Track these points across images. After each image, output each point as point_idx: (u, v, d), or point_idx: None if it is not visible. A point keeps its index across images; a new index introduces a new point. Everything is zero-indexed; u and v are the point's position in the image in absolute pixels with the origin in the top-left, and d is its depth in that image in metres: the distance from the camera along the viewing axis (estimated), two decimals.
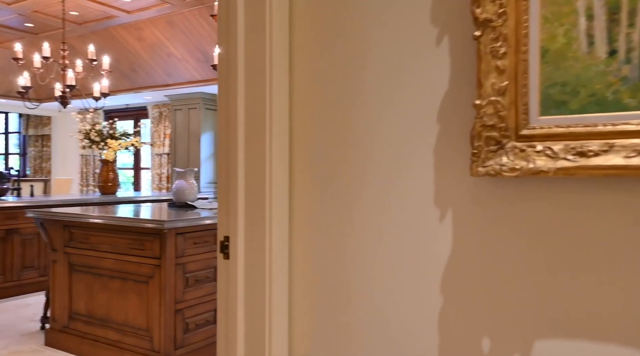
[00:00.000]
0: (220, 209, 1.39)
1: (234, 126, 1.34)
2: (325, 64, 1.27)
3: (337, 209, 1.24)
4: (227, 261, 1.37)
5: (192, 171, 3.59)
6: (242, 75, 1.34)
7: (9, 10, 5.97)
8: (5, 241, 4.31)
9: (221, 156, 1.39)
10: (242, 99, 1.34)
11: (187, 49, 6.50)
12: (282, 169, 1.32)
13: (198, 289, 2.86)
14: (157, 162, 8.59)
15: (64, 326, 3.11)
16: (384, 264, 1.17)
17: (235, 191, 1.34)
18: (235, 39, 1.34)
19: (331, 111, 1.26)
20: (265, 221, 1.30)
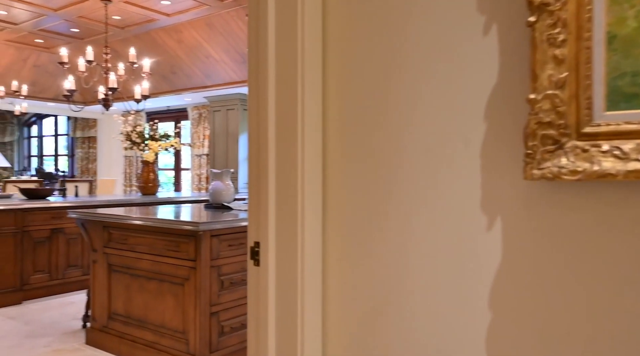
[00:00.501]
0: (251, 214, 1.33)
1: (264, 126, 1.28)
2: (360, 59, 1.18)
3: (373, 216, 1.16)
4: (257, 268, 1.31)
5: (229, 172, 3.57)
6: (272, 73, 1.27)
7: (56, 16, 6.17)
8: (51, 240, 4.44)
9: (251, 158, 1.32)
10: (272, 99, 1.27)
11: (225, 50, 6.54)
12: (315, 172, 1.25)
13: (233, 292, 2.83)
14: (197, 163, 8.71)
15: (103, 325, 3.15)
16: (424, 276, 1.07)
17: (265, 194, 1.27)
18: (266, 34, 1.27)
19: (368, 110, 1.17)
20: (297, 226, 1.23)
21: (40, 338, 3.35)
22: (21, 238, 4.24)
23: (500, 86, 0.96)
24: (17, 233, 4.21)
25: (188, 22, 6.28)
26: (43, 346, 3.20)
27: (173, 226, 2.71)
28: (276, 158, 1.27)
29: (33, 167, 12.07)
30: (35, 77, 8.31)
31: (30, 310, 4.04)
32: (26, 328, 3.57)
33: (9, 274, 4.17)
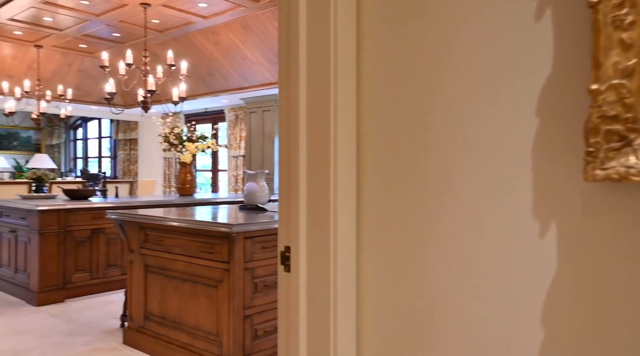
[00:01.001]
0: (281, 217, 1.26)
1: (295, 127, 1.21)
2: (399, 53, 1.10)
3: (414, 219, 1.07)
4: (287, 274, 1.24)
5: (263, 173, 3.54)
6: (304, 71, 1.20)
7: (98, 21, 6.33)
8: (91, 240, 4.54)
9: (282, 160, 1.26)
10: (304, 98, 1.20)
11: (261, 51, 6.55)
12: (349, 174, 1.17)
13: (267, 295, 2.78)
14: (233, 164, 8.78)
15: (140, 326, 3.17)
16: (471, 287, 0.97)
17: (296, 197, 1.20)
18: (297, 29, 1.21)
19: (406, 107, 1.08)
20: (330, 231, 1.16)
21: (80, 337, 3.41)
22: (64, 237, 4.34)
23: (556, 76, 0.86)
24: (60, 232, 4.32)
25: (224, 24, 6.32)
26: (82, 345, 3.25)
27: (206, 227, 2.69)
28: (307, 159, 1.20)
29: (78, 168, 12.50)
30: (79, 81, 8.58)
31: (71, 308, 4.14)
32: (67, 326, 3.65)
33: (52, 273, 4.28)
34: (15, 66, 7.83)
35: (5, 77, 7.67)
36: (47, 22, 6.46)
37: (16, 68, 7.86)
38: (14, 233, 4.55)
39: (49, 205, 4.26)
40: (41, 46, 7.50)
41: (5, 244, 4.70)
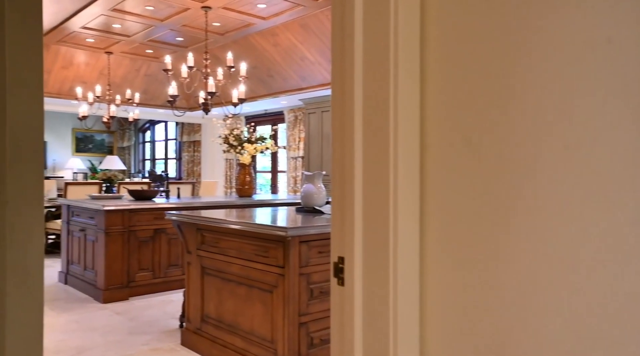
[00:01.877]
0: (334, 225, 1.13)
1: (349, 126, 1.08)
2: (474, 35, 0.94)
3: (489, 231, 0.91)
4: (341, 288, 1.11)
5: (320, 174, 3.43)
6: (360, 63, 1.07)
7: (163, 26, 6.51)
8: (154, 240, 4.63)
9: (335, 163, 1.13)
10: (359, 90, 1.07)
11: (320, 51, 6.47)
12: (410, 177, 1.02)
13: (323, 302, 2.67)
14: (292, 165, 8.78)
15: (197, 327, 3.15)
16: (556, 308, 0.80)
17: (350, 203, 1.07)
18: (352, 9, 1.07)
19: (484, 101, 0.92)
20: (389, 241, 1.02)
21: (140, 336, 3.46)
22: (128, 237, 4.46)
23: None
24: (124, 232, 4.44)
25: (283, 24, 6.29)
26: (142, 344, 3.29)
27: (261, 230, 2.61)
28: (363, 162, 1.06)
29: (147, 170, 13.04)
30: (146, 86, 8.91)
31: (134, 306, 4.23)
32: (130, 325, 3.72)
33: (117, 272, 4.41)
34: (88, 72, 8.24)
35: (80, 83, 8.09)
36: (116, 29, 6.73)
37: (89, 74, 8.27)
38: (84, 231, 4.74)
39: (114, 205, 4.39)
40: (111, 52, 7.84)
41: (76, 243, 4.90)
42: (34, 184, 1.62)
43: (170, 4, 5.68)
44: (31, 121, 1.62)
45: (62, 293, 4.72)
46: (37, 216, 1.63)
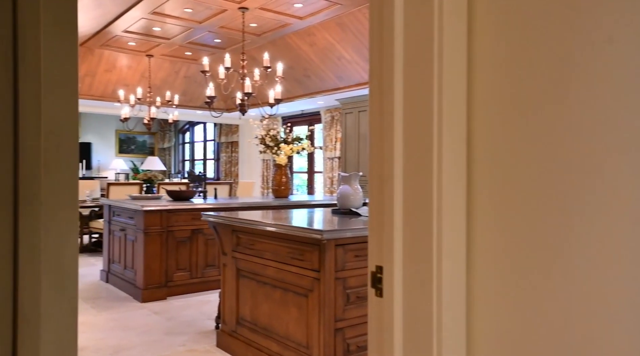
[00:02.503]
0: (371, 231, 1.06)
1: (388, 125, 1.00)
2: (529, 23, 0.84)
3: (548, 235, 0.81)
4: (379, 300, 1.03)
5: (357, 175, 3.35)
6: (400, 57, 0.98)
7: (201, 28, 6.58)
8: (191, 240, 4.66)
9: (372, 164, 1.05)
10: (399, 89, 0.98)
11: (357, 50, 6.38)
12: (456, 181, 0.93)
13: (360, 307, 2.58)
14: (329, 166, 8.72)
15: (232, 330, 3.13)
16: (633, 324, 0.69)
17: (390, 207, 0.99)
18: (392, 8, 0.99)
19: (537, 96, 0.83)
20: (432, 249, 0.93)
21: (177, 336, 3.47)
22: (166, 237, 4.51)
23: None
24: (162, 232, 4.48)
25: (320, 23, 6.24)
26: (178, 345, 3.29)
27: (296, 233, 2.55)
28: (404, 163, 0.98)
29: (186, 170, 13.28)
30: (185, 87, 9.05)
31: (172, 306, 4.26)
32: (167, 324, 3.74)
33: (156, 271, 4.46)
34: (130, 74, 8.44)
35: (122, 85, 8.30)
36: (156, 32, 6.85)
37: (131, 77, 8.47)
38: (124, 231, 4.82)
39: (153, 206, 4.44)
40: (152, 55, 8.00)
41: (117, 242, 5.00)
42: (69, 186, 1.61)
43: (208, 6, 5.72)
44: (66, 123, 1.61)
45: (103, 291, 4.82)
46: (72, 219, 1.62)
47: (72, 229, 1.66)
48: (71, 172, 1.66)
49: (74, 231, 1.66)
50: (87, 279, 5.32)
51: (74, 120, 1.68)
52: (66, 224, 1.65)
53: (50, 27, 1.61)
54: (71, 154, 1.65)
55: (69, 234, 1.65)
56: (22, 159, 1.55)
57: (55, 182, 1.61)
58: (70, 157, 1.65)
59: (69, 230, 1.65)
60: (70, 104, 1.65)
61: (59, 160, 1.61)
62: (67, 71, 1.67)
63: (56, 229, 1.61)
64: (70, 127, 1.65)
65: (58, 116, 1.61)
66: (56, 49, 1.61)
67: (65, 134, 1.63)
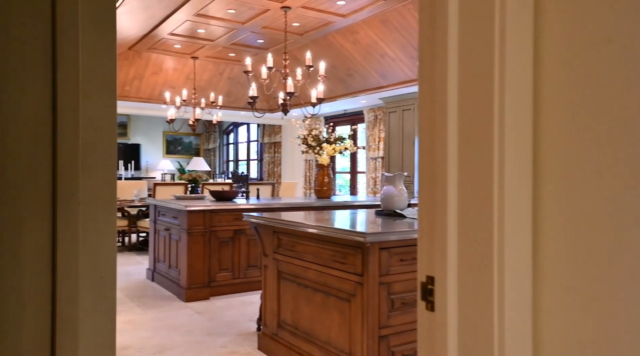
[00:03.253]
0: (421, 237, 0.95)
1: (441, 119, 0.89)
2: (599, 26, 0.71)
3: (627, 248, 0.68)
4: (431, 314, 0.93)
5: (402, 175, 3.22)
6: (454, 47, 0.87)
7: (244, 29, 6.61)
8: (233, 240, 4.66)
9: (422, 163, 0.95)
10: (453, 82, 0.87)
11: (401, 47, 6.22)
12: (520, 184, 0.81)
13: (405, 314, 2.46)
14: (372, 166, 8.58)
15: (273, 333, 3.07)
16: None
17: (443, 210, 0.88)
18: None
19: (618, 102, 0.70)
20: (492, 258, 0.82)
21: (219, 337, 3.45)
22: (209, 237, 4.52)
23: None
24: (205, 232, 4.50)
25: (363, 21, 6.13)
26: (220, 347, 3.27)
27: (338, 235, 2.46)
28: (459, 165, 0.87)
29: (230, 171, 13.45)
30: (229, 89, 9.14)
31: (215, 306, 4.27)
32: (209, 325, 3.73)
33: (199, 271, 4.48)
34: (176, 77, 8.61)
35: (168, 88, 8.47)
36: (201, 34, 6.93)
37: (177, 79, 8.63)
38: (168, 231, 4.88)
39: (196, 206, 4.46)
40: (197, 57, 8.12)
41: (162, 241, 5.07)
42: (107, 187, 1.59)
43: (251, 6, 5.72)
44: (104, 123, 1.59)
45: (149, 289, 4.90)
46: (110, 219, 1.59)
47: (110, 230, 1.63)
48: (109, 172, 1.64)
49: (112, 232, 1.64)
50: (134, 277, 5.42)
51: (112, 120, 1.65)
52: (104, 224, 1.62)
53: (88, 25, 1.59)
54: (109, 154, 1.62)
55: (107, 234, 1.62)
56: (60, 159, 1.52)
57: (93, 182, 1.58)
58: (108, 158, 1.63)
59: (107, 231, 1.62)
60: (108, 103, 1.62)
61: (97, 160, 1.59)
62: (106, 70, 1.64)
63: (94, 230, 1.59)
64: (108, 127, 1.62)
65: (96, 115, 1.58)
66: (95, 48, 1.58)
67: (103, 134, 1.60)
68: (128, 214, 7.02)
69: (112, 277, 1.66)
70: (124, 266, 5.99)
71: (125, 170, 11.44)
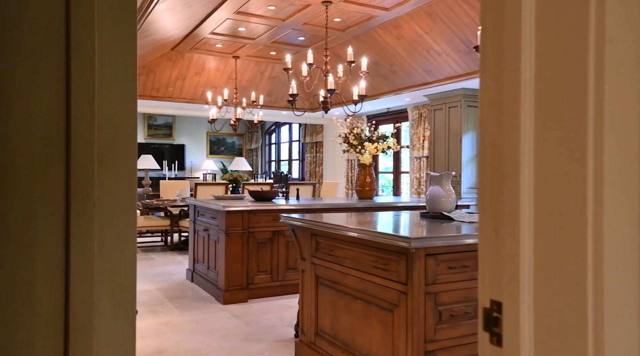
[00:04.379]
0: (483, 251, 0.75)
1: (511, 113, 0.69)
2: None
3: None
4: (496, 350, 0.72)
5: (449, 175, 2.98)
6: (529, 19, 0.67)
7: (285, 26, 6.50)
8: (272, 242, 4.53)
9: (484, 159, 0.75)
10: (528, 46, 0.67)
11: (448, 40, 5.92)
12: (625, 185, 0.60)
13: (454, 327, 2.23)
14: (416, 165, 8.29)
15: (311, 341, 2.91)
16: None
17: (513, 218, 0.68)
18: None
19: None
20: (586, 281, 0.61)
21: (255, 343, 3.32)
22: (247, 238, 4.41)
23: None
24: (243, 233, 4.39)
25: (407, 14, 5.88)
26: (256, 354, 3.13)
27: (379, 239, 2.26)
28: (536, 166, 0.67)
29: (272, 171, 13.45)
30: (270, 88, 9.08)
31: (253, 309, 4.15)
32: (246, 330, 3.61)
33: (237, 273, 4.38)
34: (218, 77, 8.62)
35: (210, 88, 8.49)
36: (242, 33, 6.88)
37: (218, 79, 8.65)
38: (207, 231, 4.81)
39: (234, 206, 4.36)
40: (238, 57, 8.09)
41: (201, 242, 5.01)
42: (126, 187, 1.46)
43: (291, 2, 5.60)
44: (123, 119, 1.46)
45: (188, 290, 4.85)
46: (129, 222, 1.46)
47: (129, 232, 1.50)
48: (129, 171, 1.50)
49: (131, 234, 1.50)
50: (174, 277, 5.40)
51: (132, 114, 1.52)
52: (123, 227, 1.49)
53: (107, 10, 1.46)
54: (129, 152, 1.49)
55: (126, 238, 1.49)
56: (74, 157, 1.40)
57: (111, 182, 1.45)
58: (128, 155, 1.49)
59: (126, 234, 1.49)
60: (127, 97, 1.49)
61: (115, 158, 1.46)
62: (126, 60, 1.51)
63: (111, 233, 1.46)
64: (127, 122, 1.48)
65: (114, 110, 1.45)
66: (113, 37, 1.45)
67: (122, 130, 1.47)
68: (170, 214, 7.05)
69: (131, 283, 1.52)
70: (164, 266, 6.00)
71: (168, 170, 11.62)
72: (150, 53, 7.39)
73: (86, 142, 1.39)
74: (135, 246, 1.49)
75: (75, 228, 1.40)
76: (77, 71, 1.38)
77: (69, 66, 1.38)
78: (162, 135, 12.68)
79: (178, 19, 6.17)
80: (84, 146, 1.39)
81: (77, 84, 1.38)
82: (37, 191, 1.36)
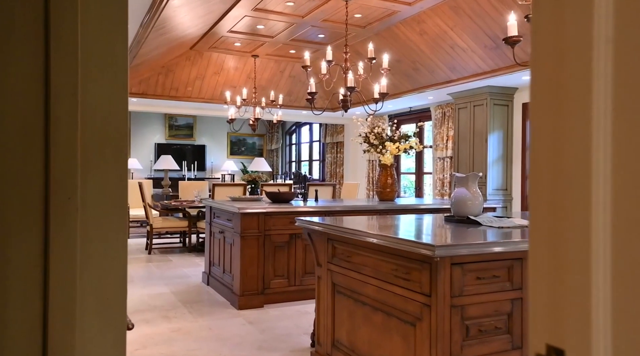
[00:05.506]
0: (535, 285, 0.56)
1: (578, 87, 0.50)
2: None
3: None
4: None
5: (476, 176, 2.77)
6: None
7: (304, 23, 6.34)
8: (289, 245, 4.37)
9: (537, 168, 0.56)
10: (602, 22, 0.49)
11: (473, 35, 5.68)
12: None
13: (483, 343, 2.03)
14: (439, 166, 8.03)
15: (327, 353, 2.73)
16: None
17: (580, 245, 0.49)
18: None
19: None
20: None
21: (269, 353, 3.16)
22: (263, 241, 4.26)
23: None
24: (259, 236, 4.25)
25: (430, 9, 5.65)
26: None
27: (400, 246, 2.07)
28: (614, 157, 0.48)
29: (292, 171, 13.32)
30: (290, 87, 8.94)
31: (268, 315, 4.00)
32: (260, 337, 3.46)
33: (252, 277, 4.23)
34: (237, 76, 8.52)
35: (229, 87, 8.39)
36: (260, 31, 6.75)
37: (237, 78, 8.54)
38: (223, 234, 4.68)
39: (250, 208, 4.22)
40: (257, 55, 7.97)
41: (217, 244, 4.88)
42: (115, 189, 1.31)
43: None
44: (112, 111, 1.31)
45: (203, 294, 4.72)
46: (119, 228, 1.31)
47: (119, 240, 1.34)
48: (118, 171, 1.34)
49: (121, 242, 1.34)
50: (190, 280, 5.29)
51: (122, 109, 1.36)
52: (112, 234, 1.33)
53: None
54: (118, 150, 1.33)
55: (115, 245, 1.33)
56: (53, 155, 1.25)
57: (97, 183, 1.29)
58: (117, 153, 1.33)
59: (116, 242, 1.34)
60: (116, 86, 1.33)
61: (101, 157, 1.30)
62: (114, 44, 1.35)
63: (98, 241, 1.30)
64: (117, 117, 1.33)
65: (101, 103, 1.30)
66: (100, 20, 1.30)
67: (111, 125, 1.31)
68: (188, 215, 6.96)
69: (121, 298, 1.36)
70: (181, 268, 5.90)
71: (188, 171, 11.59)
72: (169, 52, 7.32)
73: (68, 139, 1.24)
74: (126, 256, 1.33)
75: (54, 234, 1.25)
76: (57, 56, 1.23)
77: (48, 51, 1.23)
78: (183, 135, 12.67)
79: (195, 16, 6.07)
80: (65, 144, 1.24)
81: (58, 72, 1.23)
82: (11, 193, 1.21)
